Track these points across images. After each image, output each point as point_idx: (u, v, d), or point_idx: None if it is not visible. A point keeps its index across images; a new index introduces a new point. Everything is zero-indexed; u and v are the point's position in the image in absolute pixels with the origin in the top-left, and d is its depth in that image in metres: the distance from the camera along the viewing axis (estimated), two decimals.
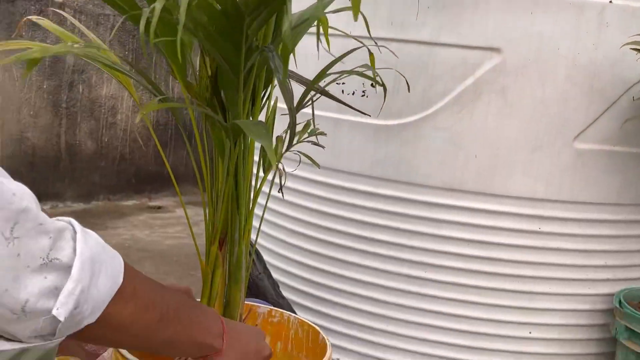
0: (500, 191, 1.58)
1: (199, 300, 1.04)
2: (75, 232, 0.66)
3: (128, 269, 0.72)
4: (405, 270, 1.66)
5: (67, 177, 3.32)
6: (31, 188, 1.03)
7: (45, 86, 3.21)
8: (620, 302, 1.56)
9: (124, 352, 0.96)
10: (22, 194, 0.61)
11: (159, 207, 3.47)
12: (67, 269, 0.64)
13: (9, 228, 0.59)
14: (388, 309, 1.70)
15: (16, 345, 0.65)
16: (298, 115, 1.05)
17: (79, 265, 0.64)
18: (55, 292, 0.63)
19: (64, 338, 0.67)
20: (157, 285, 0.80)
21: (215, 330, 0.87)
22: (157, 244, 2.84)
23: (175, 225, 3.16)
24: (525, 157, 1.56)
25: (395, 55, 1.38)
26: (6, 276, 0.59)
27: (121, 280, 0.70)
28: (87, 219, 3.08)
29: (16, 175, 1.00)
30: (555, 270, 1.62)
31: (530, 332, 1.65)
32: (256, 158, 1.10)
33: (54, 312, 0.63)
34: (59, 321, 0.63)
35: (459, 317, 1.65)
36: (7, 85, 3.12)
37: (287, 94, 0.82)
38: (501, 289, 1.62)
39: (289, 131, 0.93)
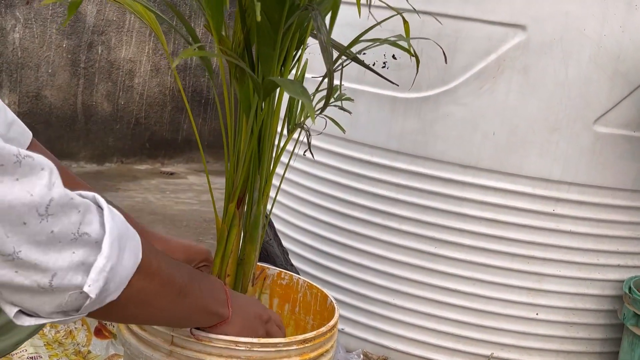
0: (516, 170, 1.58)
1: (214, 257, 1.04)
2: (101, 208, 0.66)
3: (146, 245, 0.72)
4: (415, 244, 1.67)
5: (82, 137, 3.33)
6: (46, 146, 1.03)
7: (64, 45, 3.22)
8: (630, 288, 1.56)
9: None
10: (51, 170, 0.60)
11: (172, 173, 3.48)
12: (95, 244, 0.64)
13: (44, 205, 0.59)
14: (396, 282, 1.70)
15: (40, 321, 0.64)
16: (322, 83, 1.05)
17: (109, 242, 0.64)
18: (82, 267, 0.63)
19: (85, 314, 0.67)
20: (171, 259, 0.81)
21: (222, 299, 0.89)
22: (168, 208, 2.86)
23: (187, 191, 3.17)
24: (544, 138, 1.56)
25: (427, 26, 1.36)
26: (36, 250, 0.59)
27: (141, 256, 0.70)
28: (99, 181, 3.10)
29: (32, 133, 1.00)
30: (566, 253, 1.62)
31: (537, 314, 1.66)
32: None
33: (86, 288, 0.63)
34: (87, 298, 0.63)
35: (467, 294, 1.66)
36: (26, 41, 3.12)
37: (328, 55, 0.82)
38: (510, 269, 1.63)
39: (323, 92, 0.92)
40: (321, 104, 1.06)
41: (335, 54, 0.99)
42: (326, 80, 1.08)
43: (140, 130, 3.52)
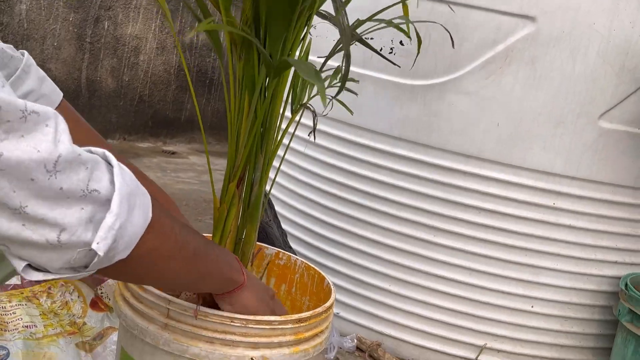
0: (518, 162, 1.57)
1: (212, 237, 1.04)
2: (111, 165, 0.65)
3: (157, 206, 0.71)
4: (413, 232, 1.67)
5: (85, 112, 3.33)
6: None
7: (71, 18, 3.20)
8: (626, 285, 1.57)
9: None
10: (57, 125, 0.59)
11: (173, 152, 3.48)
12: (104, 202, 0.63)
13: (52, 162, 0.58)
14: (393, 269, 1.71)
15: (48, 277, 0.64)
16: (326, 67, 1.05)
17: (118, 200, 0.63)
18: (91, 224, 0.62)
19: (94, 272, 0.67)
20: (185, 224, 0.81)
21: (236, 266, 0.90)
22: (168, 187, 2.86)
23: (188, 171, 3.18)
24: (547, 131, 1.55)
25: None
26: (44, 205, 0.59)
27: (151, 215, 0.69)
28: None
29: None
30: (564, 248, 1.62)
31: (532, 306, 1.66)
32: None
33: (94, 246, 0.62)
34: (96, 255, 0.63)
35: (463, 283, 1.66)
36: (33, 13, 3.11)
37: (346, 35, 0.81)
38: (508, 260, 1.63)
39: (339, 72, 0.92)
40: (325, 85, 1.05)
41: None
42: (329, 61, 1.08)
43: (144, 108, 3.52)
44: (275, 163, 1.74)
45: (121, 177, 0.65)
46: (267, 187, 1.10)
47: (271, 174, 1.14)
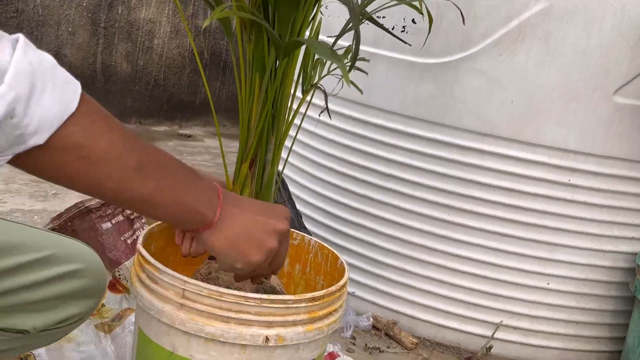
0: (532, 139, 1.57)
1: None
2: (17, 42, 0.64)
3: (94, 105, 0.69)
4: (429, 211, 1.67)
5: (100, 97, 3.35)
6: None
7: (85, 4, 3.22)
8: None
9: (146, 254, 0.98)
10: None
11: (189, 136, 3.49)
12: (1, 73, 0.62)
13: None
14: (408, 248, 1.71)
15: None
16: (336, 46, 1.05)
17: (13, 72, 0.62)
18: None
19: (10, 158, 0.66)
20: (141, 139, 0.75)
21: (206, 200, 0.80)
22: None
23: (204, 154, 3.19)
24: (561, 107, 1.54)
25: None
26: None
27: (75, 106, 0.67)
28: None
29: None
30: (580, 224, 1.62)
31: (548, 283, 1.66)
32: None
33: None
34: None
35: (479, 262, 1.66)
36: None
37: (355, 13, 0.81)
38: (523, 238, 1.63)
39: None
40: (335, 66, 1.05)
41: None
42: (341, 41, 1.08)
43: (159, 92, 3.53)
44: (288, 143, 1.74)
45: (22, 53, 0.64)
46: (280, 167, 1.11)
47: (283, 154, 1.14)
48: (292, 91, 1.03)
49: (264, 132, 1.03)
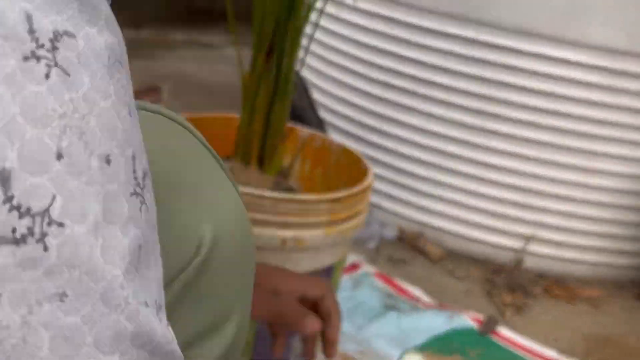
0: (576, 38, 1.44)
1: (241, 114, 0.96)
2: None
3: None
4: (461, 116, 1.57)
5: (117, 2, 3.23)
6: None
7: None
8: None
9: None
10: None
11: (209, 44, 3.38)
12: None
13: None
14: (438, 156, 1.62)
15: None
16: None
17: None
18: None
19: None
20: None
21: None
22: (203, 79, 2.79)
23: (224, 63, 3.09)
24: (609, 3, 1.41)
25: None
26: None
27: None
28: (134, 49, 3.02)
29: None
30: (623, 131, 1.51)
31: (584, 194, 1.57)
32: None
33: None
34: None
35: (511, 170, 1.57)
36: None
37: None
38: (560, 145, 1.53)
39: None
40: None
41: None
42: None
43: None
44: (306, 42, 1.63)
45: None
46: (298, 68, 1.02)
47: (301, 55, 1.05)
48: None
49: (280, 18, 0.93)
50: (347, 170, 1.07)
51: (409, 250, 1.63)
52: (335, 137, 1.74)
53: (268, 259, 0.87)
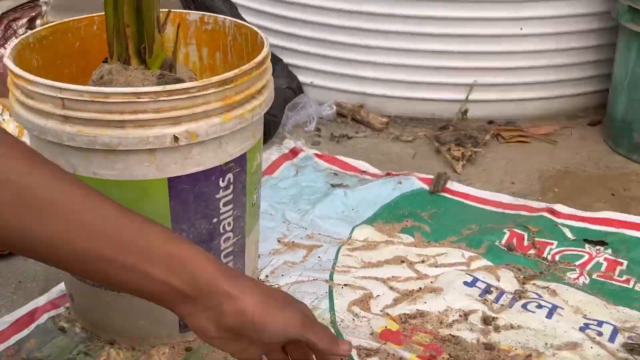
0: None
1: (104, 6, 0.85)
2: None
3: None
4: None
5: None
6: None
7: None
8: None
9: (13, 67, 0.80)
10: None
11: None
12: None
13: None
14: (363, 19, 1.52)
15: None
16: None
17: None
18: None
19: None
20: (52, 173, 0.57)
21: (190, 276, 0.60)
22: None
23: None
24: None
25: None
26: None
27: None
28: None
29: None
30: None
31: (521, 29, 1.48)
32: None
33: None
34: None
35: (443, 19, 1.47)
36: None
37: None
38: None
39: None
40: None
41: None
42: None
43: None
44: None
45: None
46: None
47: None
48: None
49: None
50: (246, 48, 0.97)
51: (351, 125, 1.55)
52: (252, 20, 1.61)
53: (164, 161, 0.79)
